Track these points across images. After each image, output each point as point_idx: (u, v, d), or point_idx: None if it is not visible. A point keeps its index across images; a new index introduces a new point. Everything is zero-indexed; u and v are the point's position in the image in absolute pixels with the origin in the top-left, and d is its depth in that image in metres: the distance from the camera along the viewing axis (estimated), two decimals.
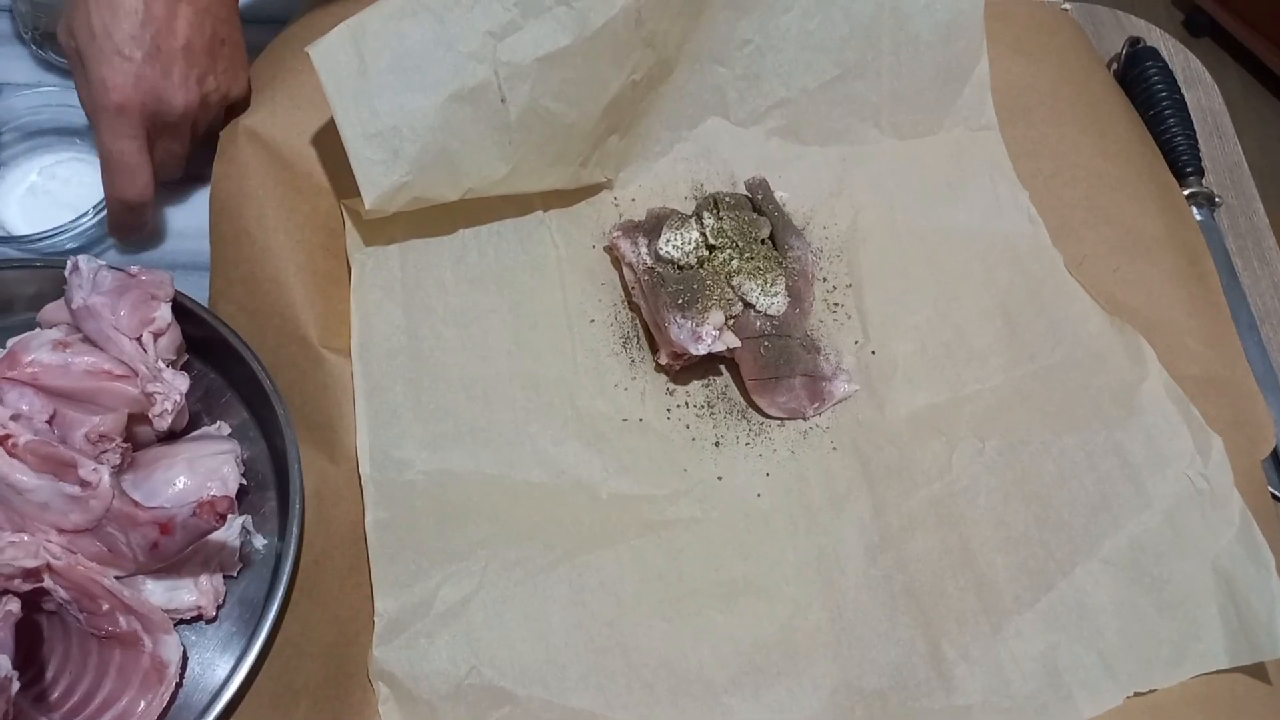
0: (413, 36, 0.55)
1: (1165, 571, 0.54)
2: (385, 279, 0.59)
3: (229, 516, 0.46)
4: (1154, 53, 0.74)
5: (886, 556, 0.55)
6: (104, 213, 0.60)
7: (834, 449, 0.58)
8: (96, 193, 0.61)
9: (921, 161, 0.68)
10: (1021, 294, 0.63)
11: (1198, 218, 0.69)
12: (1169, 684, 0.52)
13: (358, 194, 0.56)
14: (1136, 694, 0.52)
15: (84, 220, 0.59)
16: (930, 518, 0.56)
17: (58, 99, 0.63)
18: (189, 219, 0.63)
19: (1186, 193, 0.69)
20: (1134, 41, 0.76)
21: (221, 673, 0.49)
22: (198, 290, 0.58)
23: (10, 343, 0.51)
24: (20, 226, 0.61)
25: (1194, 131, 0.71)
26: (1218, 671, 0.52)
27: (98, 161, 0.63)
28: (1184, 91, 0.73)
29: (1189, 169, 0.70)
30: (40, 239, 0.59)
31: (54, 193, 0.63)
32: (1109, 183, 0.67)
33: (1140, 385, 0.59)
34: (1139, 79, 0.73)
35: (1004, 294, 0.63)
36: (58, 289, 0.54)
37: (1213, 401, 0.59)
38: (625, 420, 0.58)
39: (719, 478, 0.57)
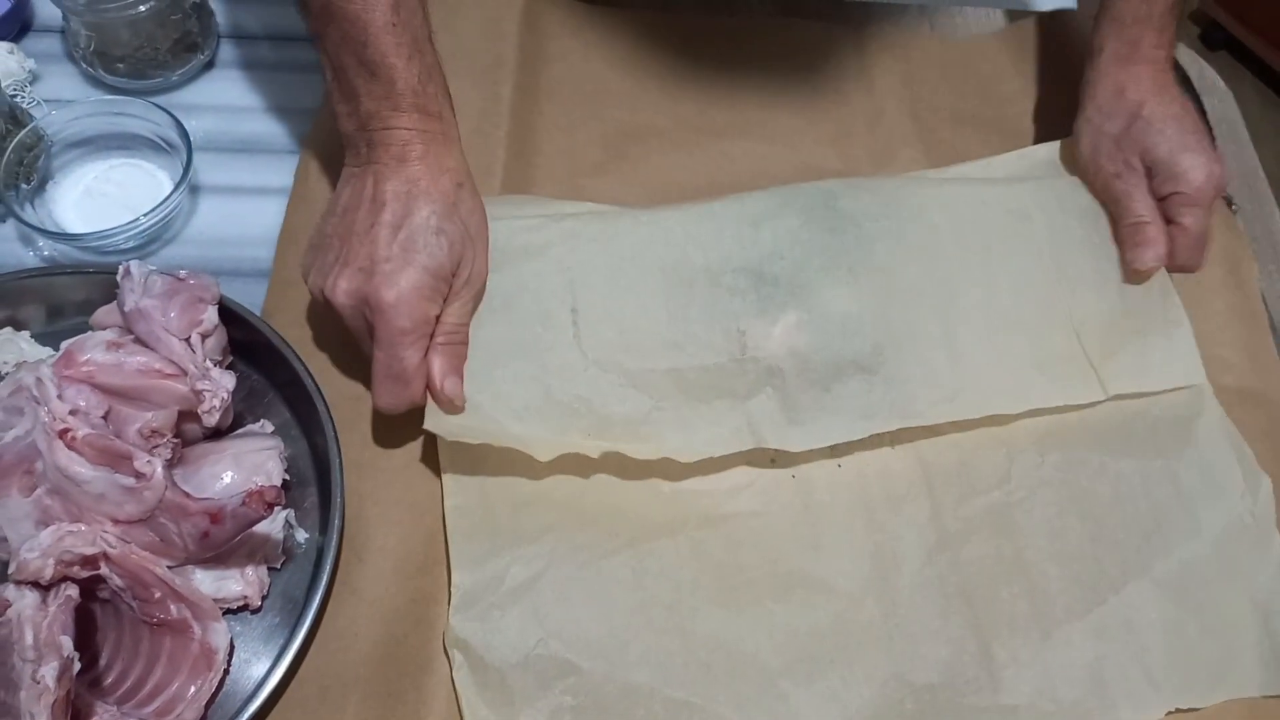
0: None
1: (1210, 597, 0.55)
2: None
3: (275, 507, 0.48)
4: None
5: (942, 558, 0.56)
6: (158, 215, 0.62)
7: (895, 451, 0.59)
8: (151, 194, 0.63)
9: None
10: None
11: None
12: (1206, 704, 0.53)
13: None
14: (1178, 710, 0.52)
15: (140, 221, 0.61)
16: (987, 524, 0.57)
17: (108, 109, 0.65)
18: (245, 228, 0.65)
19: None
20: None
21: (266, 662, 0.50)
22: (250, 297, 0.60)
23: (65, 344, 0.53)
24: (78, 227, 0.63)
25: (1211, 137, 0.72)
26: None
27: (150, 165, 0.65)
28: (1200, 99, 0.74)
29: None
30: (99, 238, 0.61)
31: (110, 195, 0.65)
32: None
33: (1197, 420, 0.60)
34: None
35: None
36: (106, 294, 0.56)
37: (1248, 411, 0.61)
38: None
39: (779, 474, 0.58)
